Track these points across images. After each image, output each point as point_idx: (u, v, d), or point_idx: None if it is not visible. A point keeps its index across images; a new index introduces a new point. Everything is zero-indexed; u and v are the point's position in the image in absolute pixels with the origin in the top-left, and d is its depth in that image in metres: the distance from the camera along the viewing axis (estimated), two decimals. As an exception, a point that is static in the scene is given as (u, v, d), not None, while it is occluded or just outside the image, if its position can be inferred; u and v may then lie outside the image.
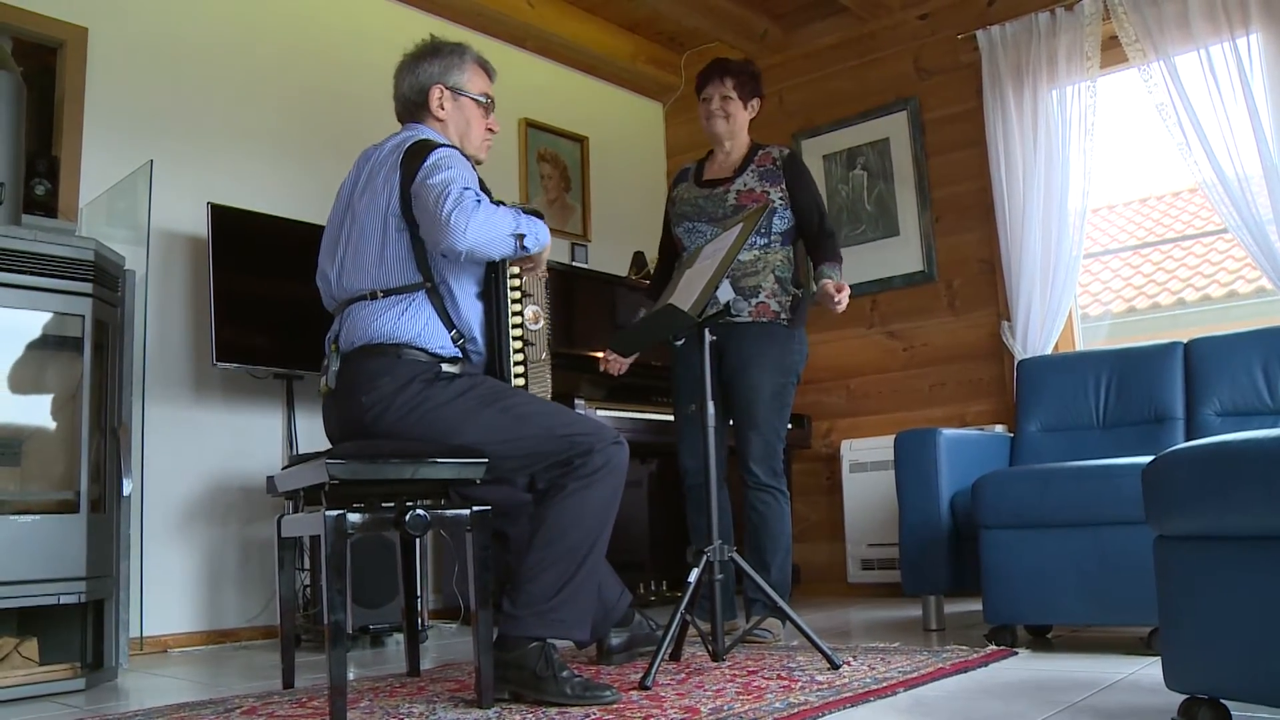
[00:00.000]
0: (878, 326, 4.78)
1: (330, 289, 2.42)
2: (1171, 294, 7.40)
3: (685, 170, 3.45)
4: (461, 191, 2.14)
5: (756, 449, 3.11)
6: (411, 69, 2.50)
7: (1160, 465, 1.71)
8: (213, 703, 2.35)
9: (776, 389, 3.15)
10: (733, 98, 3.29)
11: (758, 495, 3.12)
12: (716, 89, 3.30)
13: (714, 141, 3.37)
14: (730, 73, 3.31)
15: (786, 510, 3.17)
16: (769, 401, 3.14)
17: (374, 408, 2.24)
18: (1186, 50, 3.87)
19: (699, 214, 3.26)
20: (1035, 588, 2.71)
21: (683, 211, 3.31)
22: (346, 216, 2.40)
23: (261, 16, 4.05)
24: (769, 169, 3.26)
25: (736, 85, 3.30)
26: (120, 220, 3.32)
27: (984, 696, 2.12)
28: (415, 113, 2.50)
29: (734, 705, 2.04)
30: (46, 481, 2.81)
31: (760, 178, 3.24)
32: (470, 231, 2.11)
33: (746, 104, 3.33)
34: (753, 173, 3.26)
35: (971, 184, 4.52)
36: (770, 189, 3.22)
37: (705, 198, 3.27)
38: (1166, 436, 3.24)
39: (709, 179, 3.33)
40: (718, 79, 3.31)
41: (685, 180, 3.39)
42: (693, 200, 3.30)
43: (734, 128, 3.31)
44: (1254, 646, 1.57)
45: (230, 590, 3.67)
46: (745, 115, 3.33)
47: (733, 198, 3.23)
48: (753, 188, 3.23)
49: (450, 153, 2.30)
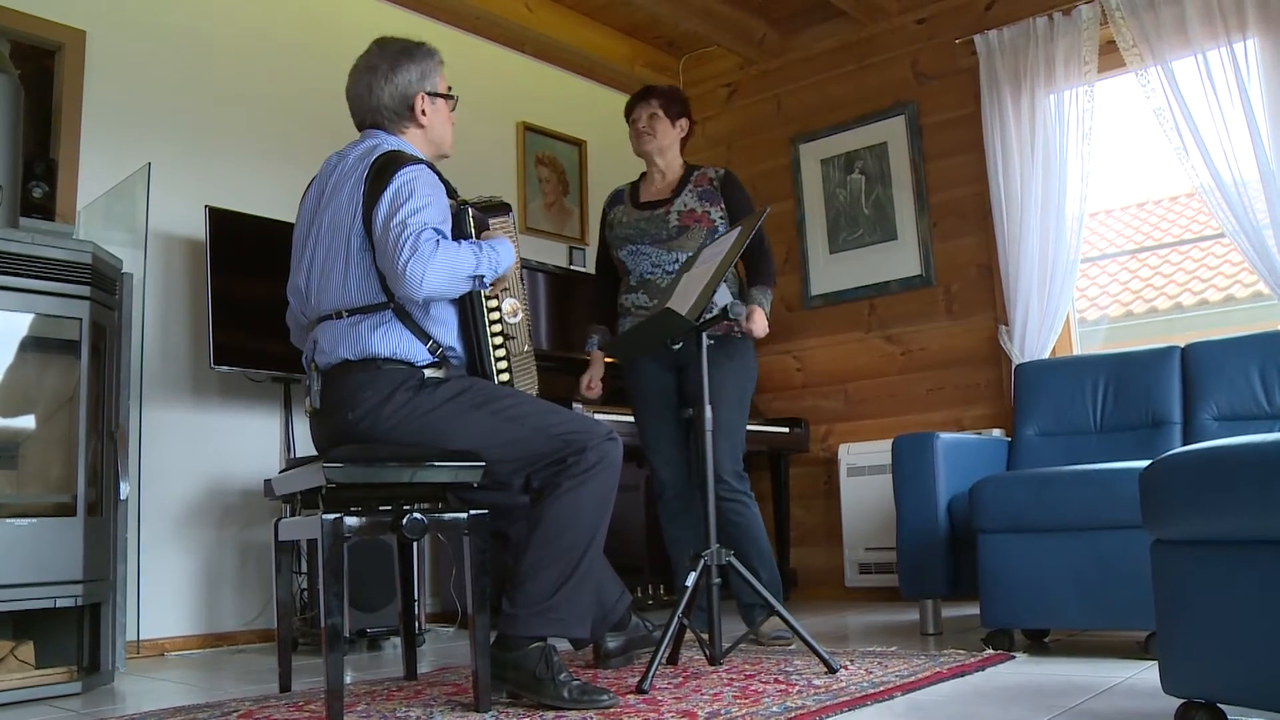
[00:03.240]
0: (875, 331, 4.78)
1: (303, 304, 2.39)
2: (1169, 298, 7.41)
3: (619, 192, 3.45)
4: (419, 237, 2.12)
5: (724, 456, 3.13)
6: (388, 76, 2.40)
7: (1157, 470, 1.72)
8: (209, 706, 2.34)
9: (740, 394, 3.20)
10: (659, 115, 3.31)
11: (728, 504, 3.14)
12: (644, 109, 3.33)
13: (646, 161, 3.39)
14: (656, 94, 3.36)
15: (757, 514, 3.22)
16: (734, 407, 3.17)
17: (361, 421, 2.24)
18: (1184, 55, 3.87)
19: (641, 236, 3.27)
20: (1032, 592, 2.71)
21: (624, 235, 3.31)
22: (311, 231, 2.37)
23: (260, 19, 4.06)
24: (706, 189, 3.28)
25: (663, 105, 3.33)
26: (118, 223, 3.32)
27: (981, 701, 2.13)
28: (390, 121, 2.41)
29: (731, 709, 2.04)
30: (43, 484, 2.80)
31: (699, 198, 3.26)
32: (426, 282, 2.11)
33: (674, 123, 3.34)
34: (691, 193, 3.27)
35: (969, 188, 4.53)
36: (710, 208, 3.25)
37: (646, 219, 3.28)
38: (1164, 441, 3.24)
39: (646, 201, 3.34)
40: (644, 100, 3.35)
41: (621, 203, 3.40)
42: (632, 223, 3.30)
43: (662, 145, 3.32)
44: (1251, 651, 1.57)
45: (227, 594, 3.67)
46: (674, 134, 3.35)
47: (674, 218, 3.24)
48: (693, 208, 3.25)
49: (415, 173, 2.24)
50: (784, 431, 4.67)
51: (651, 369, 3.27)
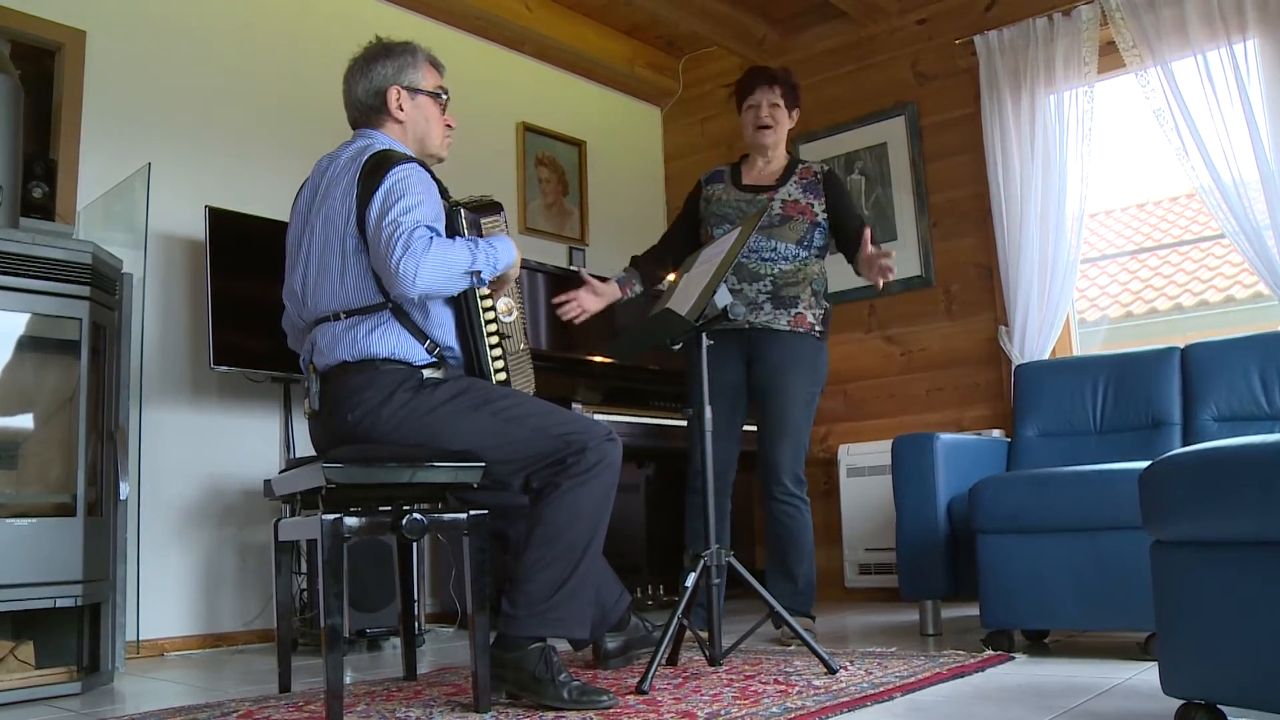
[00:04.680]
0: (875, 331, 4.78)
1: (299, 308, 2.39)
2: (1169, 299, 7.41)
3: (719, 172, 3.40)
4: (411, 234, 2.11)
5: (787, 456, 3.13)
6: (364, 72, 2.42)
7: (1157, 470, 1.72)
8: (209, 706, 2.34)
9: (808, 397, 3.19)
10: (780, 105, 3.28)
11: (782, 507, 3.15)
12: (765, 95, 3.27)
13: (757, 150, 3.34)
14: (778, 81, 3.29)
15: (809, 519, 3.20)
16: (802, 409, 3.17)
17: (361, 422, 2.23)
18: (1184, 56, 3.87)
19: (740, 217, 3.22)
20: (1032, 593, 2.71)
21: (722, 213, 3.28)
22: (305, 233, 2.36)
23: (260, 20, 4.06)
24: (810, 182, 3.27)
25: (785, 95, 3.29)
26: (118, 223, 3.32)
27: (981, 701, 2.13)
28: (372, 117, 2.43)
29: (731, 710, 2.04)
30: (43, 485, 2.80)
31: (804, 190, 3.26)
32: (420, 278, 2.10)
33: (791, 113, 3.33)
34: (796, 184, 3.27)
35: (969, 189, 4.53)
36: (814, 201, 3.24)
37: (748, 202, 3.26)
38: (1163, 442, 3.24)
39: (749, 184, 3.31)
40: (765, 85, 3.27)
41: (722, 182, 3.36)
42: (732, 203, 3.28)
43: (779, 137, 3.31)
44: (1250, 652, 1.57)
45: (227, 594, 3.66)
46: (789, 124, 3.33)
47: (778, 206, 3.23)
48: (797, 199, 3.23)
49: (407, 172, 2.24)
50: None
51: (729, 357, 3.18)
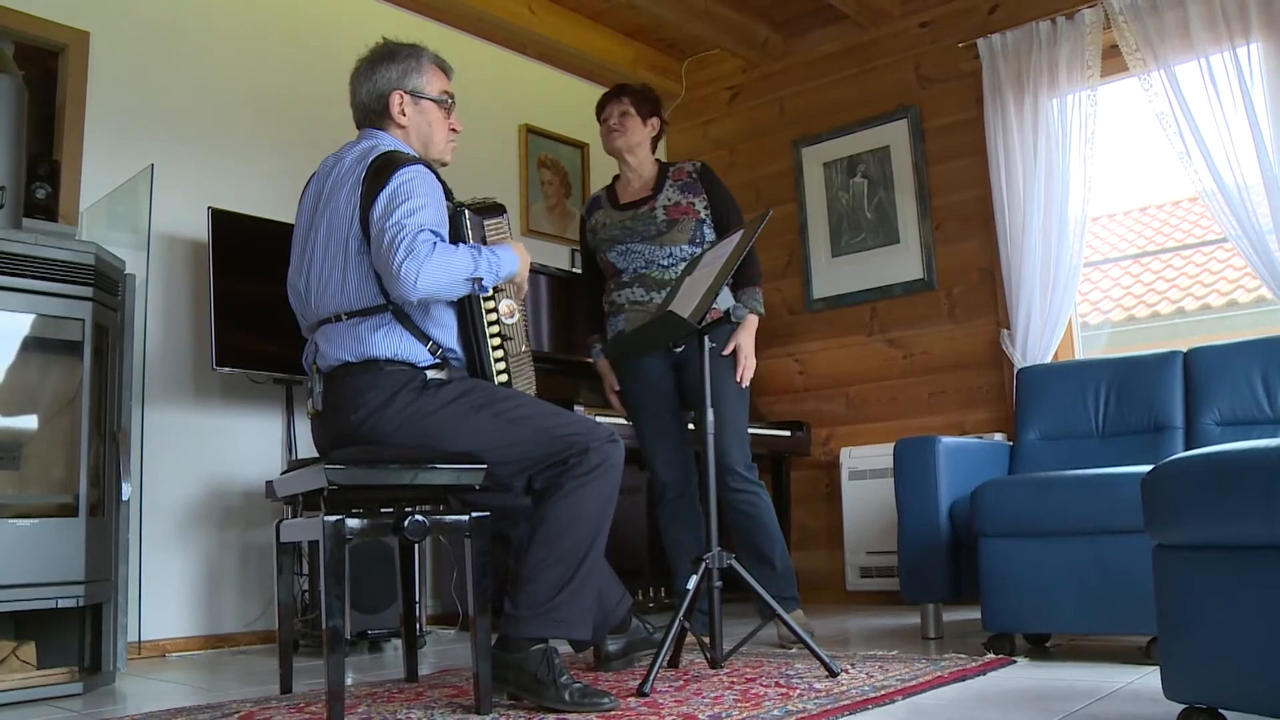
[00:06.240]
0: (877, 334, 4.78)
1: (303, 308, 2.39)
2: (1171, 303, 7.41)
3: (596, 199, 3.45)
4: (414, 237, 2.10)
5: (734, 449, 3.14)
6: (368, 75, 2.43)
7: (1159, 474, 1.71)
8: (210, 708, 2.34)
9: (738, 389, 3.21)
10: (630, 113, 3.31)
11: (741, 496, 3.16)
12: (615, 107, 3.33)
13: (617, 160, 3.38)
14: (627, 92, 3.36)
15: (769, 502, 3.23)
16: (735, 400, 3.18)
17: (364, 423, 2.23)
18: (1187, 59, 3.87)
19: (629, 235, 3.26)
20: (1034, 596, 2.70)
21: (611, 236, 3.30)
22: (310, 234, 2.37)
23: (263, 21, 4.07)
24: (686, 182, 3.29)
25: (634, 102, 3.33)
26: (121, 224, 3.33)
27: (982, 705, 2.12)
28: (376, 120, 2.44)
29: (732, 713, 2.04)
30: (45, 485, 2.81)
31: (681, 190, 3.28)
32: (421, 282, 2.09)
33: (645, 121, 3.34)
34: (672, 187, 3.29)
35: (972, 192, 4.53)
36: (694, 200, 3.26)
37: (631, 219, 3.28)
38: (1166, 446, 3.24)
39: (627, 201, 3.34)
40: (615, 98, 3.35)
41: (600, 208, 3.39)
42: (617, 224, 3.30)
43: (631, 142, 3.32)
44: (1252, 656, 1.57)
45: (229, 595, 3.67)
46: (645, 132, 3.34)
47: (661, 213, 3.25)
48: (677, 201, 3.26)
49: (413, 174, 2.23)
50: (785, 435, 4.66)
51: (651, 369, 3.27)
